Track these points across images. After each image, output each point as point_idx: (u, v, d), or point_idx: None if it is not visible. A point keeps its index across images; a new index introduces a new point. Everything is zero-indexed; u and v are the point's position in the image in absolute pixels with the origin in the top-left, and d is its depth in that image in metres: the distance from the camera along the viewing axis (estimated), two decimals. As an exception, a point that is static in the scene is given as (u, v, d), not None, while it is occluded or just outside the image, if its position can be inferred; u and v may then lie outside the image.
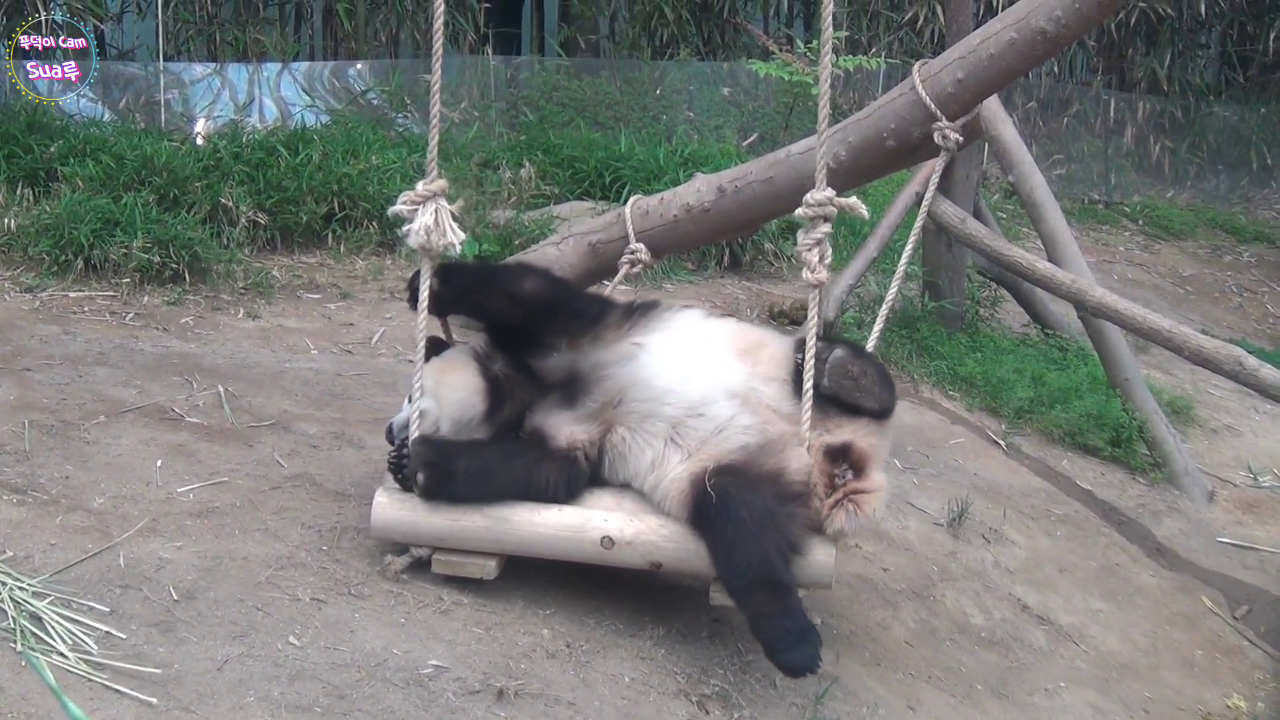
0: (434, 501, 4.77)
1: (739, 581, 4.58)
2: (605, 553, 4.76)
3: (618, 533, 4.75)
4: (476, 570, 4.83)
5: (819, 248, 4.80)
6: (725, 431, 4.79)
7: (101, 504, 4.99)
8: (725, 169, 7.16)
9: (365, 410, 6.30)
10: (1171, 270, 13.13)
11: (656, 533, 4.76)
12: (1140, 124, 15.64)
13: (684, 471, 4.75)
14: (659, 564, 4.80)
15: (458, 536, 4.80)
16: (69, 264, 7.37)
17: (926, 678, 5.47)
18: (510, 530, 4.78)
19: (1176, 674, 6.29)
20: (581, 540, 4.76)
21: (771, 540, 4.58)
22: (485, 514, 4.78)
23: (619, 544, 4.75)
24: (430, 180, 4.69)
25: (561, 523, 4.78)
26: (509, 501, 4.79)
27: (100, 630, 4.18)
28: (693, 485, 4.69)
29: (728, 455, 4.72)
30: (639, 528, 4.77)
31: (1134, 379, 8.11)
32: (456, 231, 4.69)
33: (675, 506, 4.76)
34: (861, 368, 4.79)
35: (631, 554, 4.77)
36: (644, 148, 10.78)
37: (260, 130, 9.63)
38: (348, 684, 4.16)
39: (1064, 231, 8.33)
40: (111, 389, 6.03)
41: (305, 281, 7.99)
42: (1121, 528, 7.37)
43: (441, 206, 4.66)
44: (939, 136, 5.80)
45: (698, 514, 4.68)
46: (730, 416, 4.81)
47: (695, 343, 4.97)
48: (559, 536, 4.78)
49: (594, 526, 4.77)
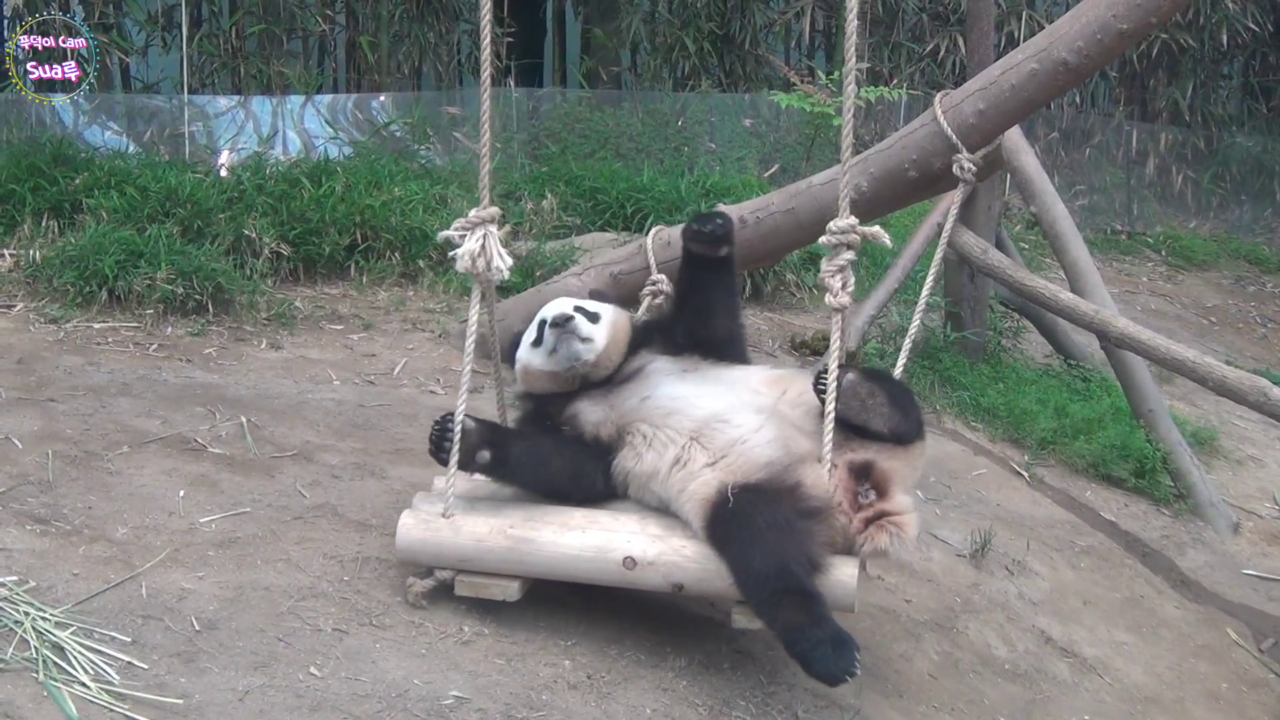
0: (491, 476, 4.92)
1: (762, 593, 4.56)
2: (627, 574, 4.75)
3: (640, 554, 4.74)
4: (500, 592, 4.83)
5: (841, 274, 4.84)
6: (749, 441, 4.82)
7: (124, 534, 5.00)
8: (747, 200, 7.19)
9: (387, 441, 6.30)
10: (1195, 301, 13.08)
11: (679, 553, 4.74)
12: (1163, 154, 15.64)
13: (711, 479, 4.76)
14: (681, 585, 4.78)
15: (482, 558, 4.80)
16: (93, 295, 7.40)
17: (949, 710, 5.44)
18: (534, 551, 4.78)
19: (1202, 707, 6.24)
20: (605, 561, 4.76)
21: (790, 550, 4.56)
22: (509, 535, 4.79)
23: (641, 564, 4.74)
24: (482, 207, 4.79)
25: (585, 544, 4.78)
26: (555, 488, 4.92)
27: (122, 660, 4.19)
28: (716, 493, 4.71)
29: (754, 472, 4.73)
30: (661, 549, 4.76)
31: (1158, 410, 8.07)
32: (504, 258, 4.81)
33: (694, 514, 4.76)
34: (870, 389, 4.83)
35: (654, 575, 4.76)
36: (666, 179, 10.80)
37: (284, 162, 9.68)
38: (369, 715, 4.15)
39: (1086, 262, 8.32)
40: (135, 419, 6.05)
41: (328, 312, 8.00)
42: (1146, 559, 7.33)
43: (490, 233, 4.77)
44: (958, 167, 5.82)
45: (715, 523, 4.68)
46: (755, 428, 4.85)
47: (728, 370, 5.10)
48: (582, 557, 4.77)
49: (617, 547, 4.76)
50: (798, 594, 4.53)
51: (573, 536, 4.81)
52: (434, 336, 7.76)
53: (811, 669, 4.52)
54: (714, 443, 4.84)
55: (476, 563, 4.83)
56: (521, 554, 4.79)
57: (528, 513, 4.95)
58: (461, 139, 11.95)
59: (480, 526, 4.83)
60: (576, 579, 4.88)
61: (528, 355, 5.05)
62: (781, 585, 4.52)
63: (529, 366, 5.06)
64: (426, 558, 4.88)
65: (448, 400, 6.79)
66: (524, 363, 5.07)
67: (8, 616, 4.26)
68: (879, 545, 4.73)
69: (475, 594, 4.85)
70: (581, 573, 4.82)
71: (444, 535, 4.83)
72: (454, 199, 9.42)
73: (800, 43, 15.75)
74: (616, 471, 4.99)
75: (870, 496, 4.79)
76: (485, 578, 4.84)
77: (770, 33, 15.34)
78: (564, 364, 4.98)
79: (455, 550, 4.82)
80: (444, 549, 4.84)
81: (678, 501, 4.86)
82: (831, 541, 4.72)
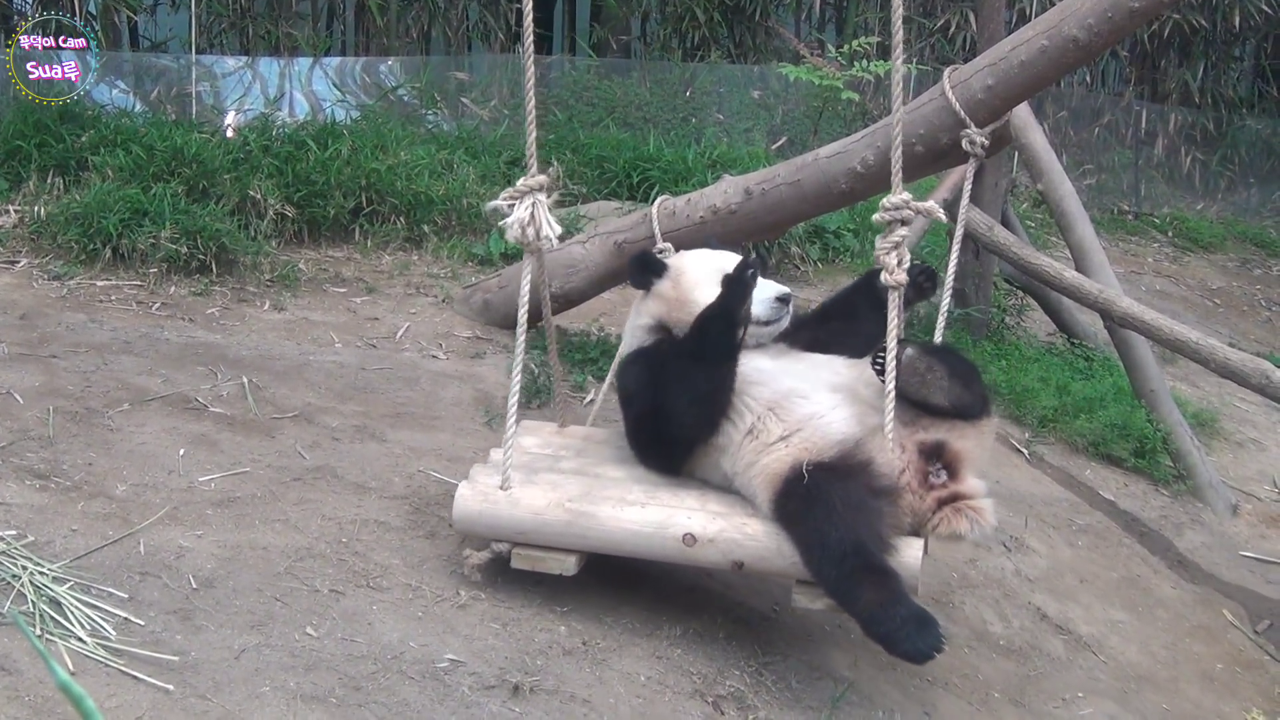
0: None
1: (838, 571, 4.50)
2: (687, 550, 4.73)
3: (700, 530, 4.72)
4: (556, 566, 4.81)
5: (897, 251, 4.79)
6: (826, 418, 4.78)
7: (123, 491, 5.01)
8: (753, 171, 7.17)
9: (388, 404, 6.31)
10: (1200, 283, 13.06)
11: (740, 530, 4.71)
12: (1172, 135, 15.59)
13: (785, 454, 4.71)
14: (741, 563, 4.74)
15: (540, 531, 4.79)
16: (97, 253, 7.39)
17: (944, 684, 5.45)
18: (593, 526, 4.76)
19: (1196, 687, 6.25)
20: (664, 537, 4.73)
21: (865, 528, 4.53)
22: (567, 509, 4.78)
23: (701, 541, 4.71)
24: (530, 175, 4.80)
25: (644, 519, 4.76)
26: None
27: (119, 616, 4.20)
28: (789, 469, 4.66)
29: (828, 449, 4.69)
30: (722, 526, 4.73)
31: (1159, 390, 8.06)
32: (554, 225, 4.81)
33: (763, 488, 4.73)
34: (930, 364, 4.78)
35: (713, 552, 4.73)
36: (672, 149, 10.77)
37: (290, 124, 9.65)
38: (363, 676, 4.17)
39: (1092, 241, 8.29)
40: (136, 378, 6.06)
41: (331, 275, 8.00)
42: (1143, 539, 7.33)
43: (539, 201, 4.77)
44: (967, 143, 5.80)
45: (786, 498, 4.64)
46: (832, 405, 4.81)
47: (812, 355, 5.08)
48: (641, 533, 4.75)
49: (676, 523, 4.74)
50: (877, 572, 4.49)
51: (632, 512, 4.79)
52: (437, 301, 7.75)
53: (898, 648, 4.48)
54: (790, 415, 4.79)
55: (534, 536, 4.81)
56: (580, 528, 4.77)
57: (586, 486, 4.94)
58: (469, 104, 11.92)
59: (538, 499, 4.82)
60: (635, 555, 4.86)
61: None
62: (860, 562, 4.47)
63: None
64: (483, 530, 4.86)
65: (448, 365, 6.81)
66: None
67: (5, 571, 4.28)
68: (957, 529, 4.72)
69: (532, 567, 4.83)
70: (640, 548, 4.80)
71: (501, 508, 4.81)
72: (460, 164, 9.40)
73: (810, 15, 15.68)
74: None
75: (942, 476, 4.76)
76: (542, 551, 4.82)
77: (780, 4, 15.27)
78: (757, 337, 4.95)
79: (513, 523, 4.81)
80: (501, 521, 4.82)
81: (745, 475, 4.82)
82: (899, 522, 4.70)
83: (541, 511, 4.79)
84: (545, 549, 4.82)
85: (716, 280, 4.89)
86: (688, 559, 4.79)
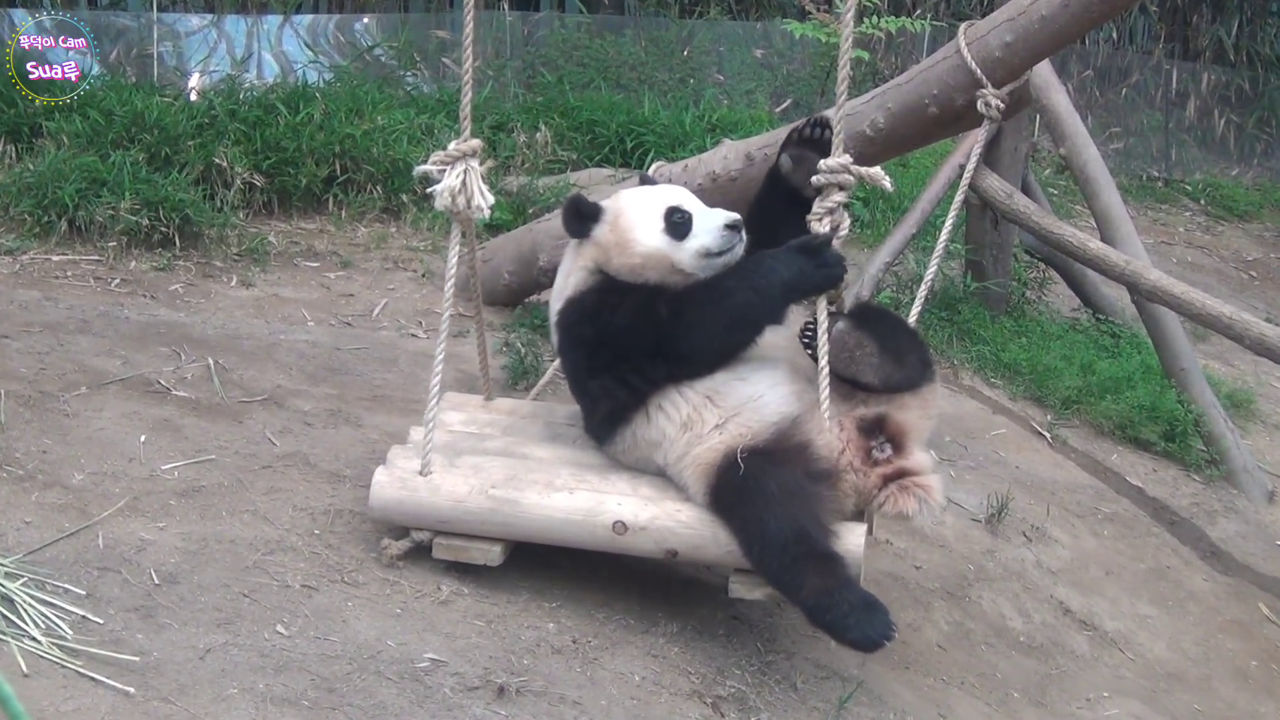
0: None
1: (780, 560, 4.54)
2: (617, 538, 4.77)
3: (631, 518, 4.75)
4: (480, 556, 4.85)
5: (831, 216, 4.80)
6: (764, 398, 4.82)
7: (80, 481, 5.01)
8: (755, 135, 7.16)
9: (364, 387, 6.31)
10: (1235, 254, 13.05)
11: (673, 518, 4.76)
12: (1204, 96, 15.54)
13: (718, 443, 4.75)
14: (675, 551, 4.79)
15: (462, 519, 4.81)
16: (52, 225, 7.37)
17: (959, 684, 5.46)
18: (518, 514, 4.79)
19: (1230, 686, 6.27)
20: (593, 525, 4.77)
21: (805, 514, 4.57)
22: (490, 496, 4.79)
23: (632, 529, 4.75)
24: (462, 140, 4.74)
25: (572, 506, 4.79)
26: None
27: (76, 614, 4.20)
28: (722, 458, 4.70)
29: (763, 433, 4.72)
30: (654, 513, 4.77)
31: (1191, 369, 8.06)
32: (485, 195, 4.77)
33: (696, 480, 4.77)
34: (859, 339, 4.81)
35: (645, 540, 4.77)
36: (669, 112, 10.75)
37: (258, 87, 9.61)
38: (338, 677, 4.17)
39: (1119, 210, 8.28)
40: (94, 359, 6.05)
41: (303, 249, 7.98)
42: (1173, 528, 7.34)
43: (472, 168, 4.74)
44: (983, 104, 5.79)
45: (721, 489, 4.68)
46: (771, 384, 4.85)
47: None
48: (569, 520, 4.78)
49: (606, 510, 4.77)
50: (820, 558, 4.54)
51: (559, 498, 4.81)
52: (417, 276, 7.75)
53: (845, 636, 4.53)
54: (727, 400, 4.83)
55: (456, 524, 4.84)
56: (504, 516, 4.80)
57: (511, 470, 4.97)
58: (451, 65, 11.87)
59: (460, 486, 4.84)
60: (562, 543, 4.89)
61: (663, 243, 4.87)
62: (802, 550, 4.52)
63: (660, 254, 4.88)
64: (402, 518, 4.89)
65: (429, 344, 6.78)
66: (655, 250, 4.89)
67: (-46, 565, 4.28)
68: (903, 509, 4.76)
69: (454, 557, 4.87)
70: (568, 537, 4.84)
71: (421, 495, 4.83)
72: (441, 129, 9.38)
73: (817, -32, 15.63)
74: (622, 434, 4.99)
75: (886, 451, 4.82)
76: (465, 540, 4.86)
77: (785, -44, 15.23)
78: (710, 269, 4.87)
79: (433, 511, 4.83)
80: (421, 509, 4.84)
81: (677, 467, 4.87)
82: (840, 505, 4.75)
83: (463, 499, 4.81)
84: (468, 538, 4.85)
85: (658, 219, 4.90)
86: (618, 548, 4.82)
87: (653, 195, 5.09)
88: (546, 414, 5.68)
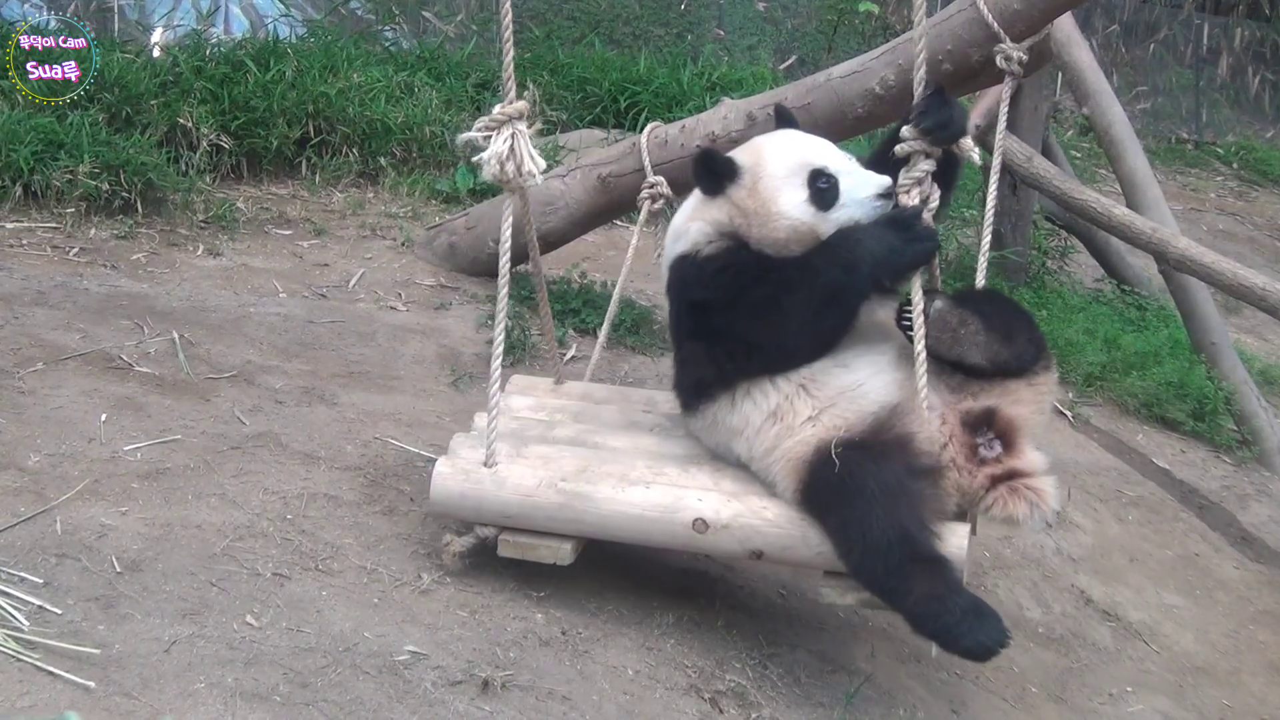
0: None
1: (883, 565, 4.47)
2: (697, 537, 4.70)
3: (713, 515, 4.69)
4: (549, 554, 4.81)
5: (920, 187, 4.71)
6: (865, 386, 4.72)
7: (37, 462, 5.01)
8: (757, 94, 7.14)
9: (339, 362, 6.30)
10: (1269, 221, 13.07)
11: (759, 515, 4.68)
12: (1237, 53, 15.56)
13: (810, 436, 4.67)
14: (760, 552, 4.72)
15: (529, 515, 4.77)
16: (6, 191, 7.34)
17: (974, 678, 5.47)
18: (590, 509, 4.74)
19: (1261, 680, 6.28)
20: (671, 522, 4.71)
21: (908, 514, 4.50)
22: (561, 490, 4.75)
23: (714, 527, 4.68)
24: (507, 101, 4.66)
25: (649, 502, 4.73)
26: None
27: (33, 604, 4.20)
28: (814, 453, 4.62)
29: (859, 425, 4.64)
30: (737, 509, 4.70)
31: (1221, 343, 8.07)
32: (537, 160, 4.70)
33: (785, 477, 4.70)
34: (962, 317, 4.69)
35: (728, 539, 4.70)
36: (665, 69, 10.73)
37: (226, 42, 9.59)
38: (312, 670, 4.17)
39: (1145, 173, 8.28)
40: (51, 333, 6.04)
41: (274, 215, 7.97)
42: (1202, 512, 7.35)
43: (520, 131, 4.65)
44: (1002, 59, 5.77)
45: (814, 487, 4.60)
46: (873, 372, 4.76)
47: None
48: (645, 517, 4.72)
49: (686, 507, 4.71)
50: (926, 561, 4.48)
51: (635, 493, 4.76)
52: (396, 245, 7.73)
53: (958, 644, 4.50)
54: (824, 390, 4.74)
55: (523, 520, 4.80)
56: (576, 511, 4.76)
57: (583, 461, 4.92)
58: (431, 19, 11.86)
59: (528, 479, 4.79)
60: (638, 541, 4.85)
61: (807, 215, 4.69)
62: (906, 553, 4.45)
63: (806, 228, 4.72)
64: (465, 513, 4.85)
65: (409, 317, 6.80)
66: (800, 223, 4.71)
67: (-98, 553, 4.28)
68: (1013, 513, 4.64)
69: (522, 555, 4.83)
70: (644, 534, 4.78)
71: (486, 488, 4.79)
72: (422, 88, 9.36)
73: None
74: (704, 410, 4.93)
75: (995, 449, 4.70)
76: (533, 537, 4.82)
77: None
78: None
79: (499, 505, 4.79)
80: (485, 503, 4.80)
81: (763, 462, 4.78)
82: (942, 505, 4.65)
83: (531, 493, 4.76)
84: (537, 534, 4.81)
85: (802, 182, 4.73)
86: (698, 547, 4.78)
87: (794, 151, 4.86)
88: (621, 399, 5.61)
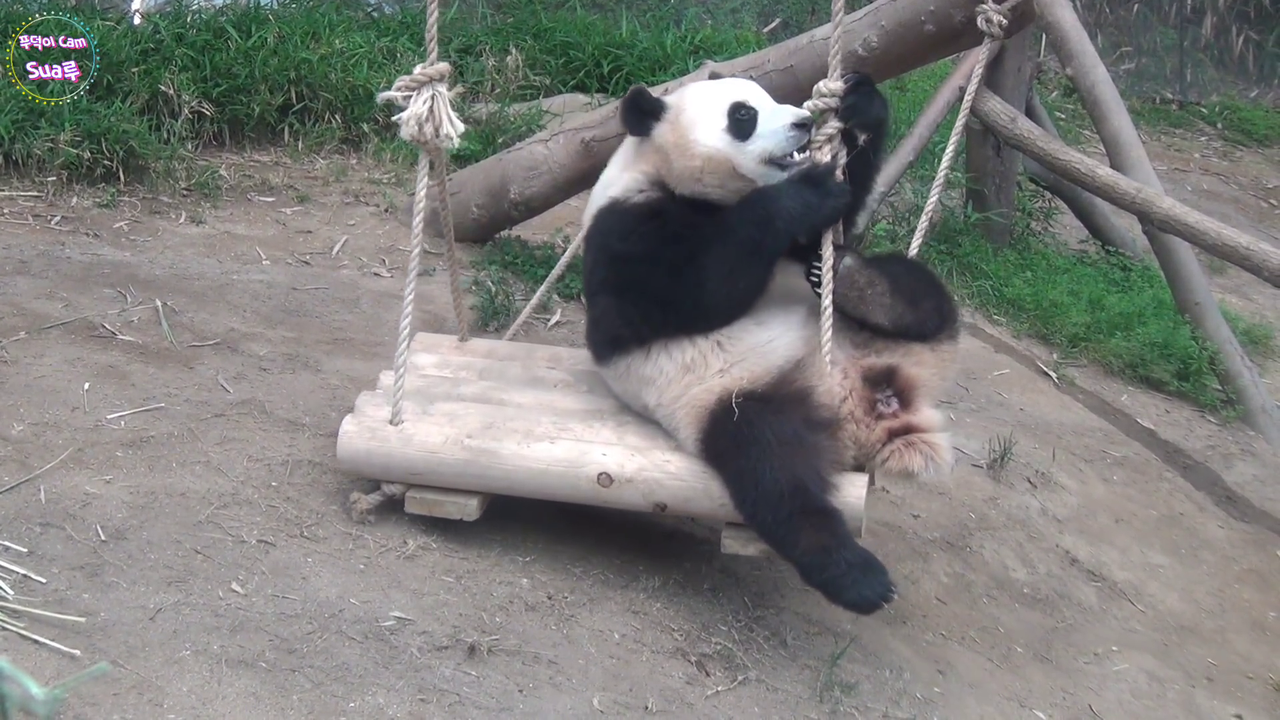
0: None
1: (775, 515, 4.53)
2: (602, 491, 4.76)
3: (617, 469, 4.74)
4: (456, 510, 4.85)
5: (830, 144, 4.73)
6: (774, 343, 4.79)
7: (20, 431, 5.00)
8: (740, 57, 7.13)
9: (323, 329, 6.29)
10: (1254, 181, 13.05)
11: (662, 469, 4.75)
12: (1221, 12, 15.50)
13: (715, 385, 4.73)
14: (664, 505, 4.78)
15: (436, 471, 4.81)
16: (-14, 160, 7.34)
17: (959, 638, 5.49)
18: (495, 465, 4.78)
19: (1246, 638, 6.30)
20: (576, 477, 4.76)
21: (802, 465, 4.55)
22: (466, 446, 4.79)
23: (618, 481, 4.74)
24: (429, 63, 4.67)
25: (553, 456, 4.78)
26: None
27: (17, 573, 4.20)
28: (716, 402, 4.68)
29: (764, 376, 4.71)
30: (641, 463, 4.76)
31: (1205, 303, 8.07)
32: (455, 123, 4.70)
33: (687, 424, 4.76)
34: (871, 277, 4.75)
35: (632, 493, 4.76)
36: (648, 33, 10.71)
37: (207, 9, 9.55)
38: (298, 637, 4.18)
39: (1130, 134, 8.26)
40: (34, 302, 6.03)
41: (257, 182, 7.95)
42: (1187, 472, 7.37)
43: (439, 94, 4.66)
44: (983, 20, 5.76)
45: (714, 436, 4.66)
46: (785, 329, 4.83)
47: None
48: (550, 472, 4.77)
49: (590, 461, 4.76)
50: (817, 513, 4.53)
51: (540, 448, 4.80)
52: (379, 211, 7.72)
53: (842, 596, 4.54)
54: (737, 346, 4.80)
55: (429, 477, 4.83)
56: (481, 467, 4.79)
57: (488, 417, 4.95)
58: (414, -16, 11.80)
59: (434, 436, 4.83)
60: (544, 496, 4.89)
61: (723, 144, 4.73)
62: (798, 504, 4.51)
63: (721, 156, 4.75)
64: (373, 470, 4.89)
65: (393, 284, 6.79)
66: (715, 151, 4.74)
67: (-115, 523, 4.27)
68: (909, 466, 4.72)
69: (428, 511, 4.87)
70: (549, 489, 4.83)
71: (392, 445, 4.82)
72: (404, 53, 9.33)
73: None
74: (617, 361, 4.97)
75: (893, 405, 4.78)
76: (439, 493, 4.86)
77: None
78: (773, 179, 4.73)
79: (405, 463, 4.83)
80: (392, 461, 4.84)
81: (668, 409, 4.85)
82: (840, 456, 4.72)
83: (437, 449, 4.80)
84: (443, 491, 4.85)
85: (722, 113, 4.75)
86: (603, 500, 4.82)
87: (718, 90, 4.91)
88: (525, 355, 5.66)
